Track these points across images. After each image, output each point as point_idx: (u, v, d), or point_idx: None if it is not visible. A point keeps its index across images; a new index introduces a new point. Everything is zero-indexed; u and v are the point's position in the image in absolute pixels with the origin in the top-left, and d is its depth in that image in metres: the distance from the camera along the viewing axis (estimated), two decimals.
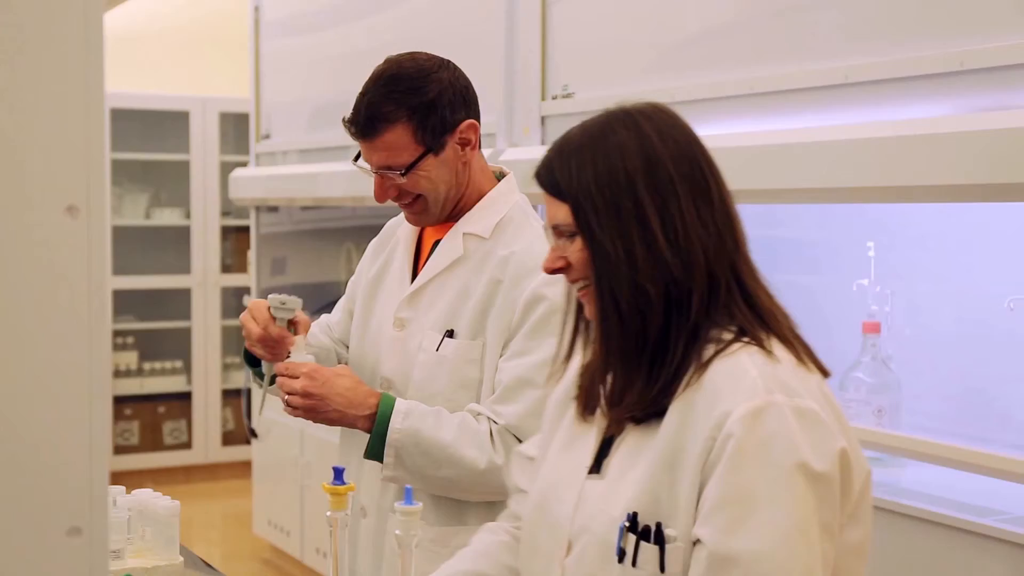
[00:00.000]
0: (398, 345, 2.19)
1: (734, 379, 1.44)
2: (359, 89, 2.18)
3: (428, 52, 2.19)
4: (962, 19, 2.27)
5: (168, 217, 6.85)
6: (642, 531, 1.45)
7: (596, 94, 3.21)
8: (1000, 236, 2.63)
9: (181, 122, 6.81)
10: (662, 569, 1.44)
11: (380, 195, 2.16)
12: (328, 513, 1.71)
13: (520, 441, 2.03)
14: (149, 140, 6.86)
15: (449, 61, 2.18)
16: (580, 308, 1.60)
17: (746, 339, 1.49)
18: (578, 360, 1.64)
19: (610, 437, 1.56)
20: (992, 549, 2.27)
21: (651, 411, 1.50)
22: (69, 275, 0.92)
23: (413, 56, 2.17)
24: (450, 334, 2.14)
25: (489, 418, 2.08)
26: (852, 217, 2.98)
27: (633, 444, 1.52)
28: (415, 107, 2.10)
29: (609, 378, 1.56)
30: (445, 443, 2.06)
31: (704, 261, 1.49)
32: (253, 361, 2.23)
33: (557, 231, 1.55)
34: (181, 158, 6.82)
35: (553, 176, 1.54)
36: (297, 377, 2.09)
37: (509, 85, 3.55)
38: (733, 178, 2.67)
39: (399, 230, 2.31)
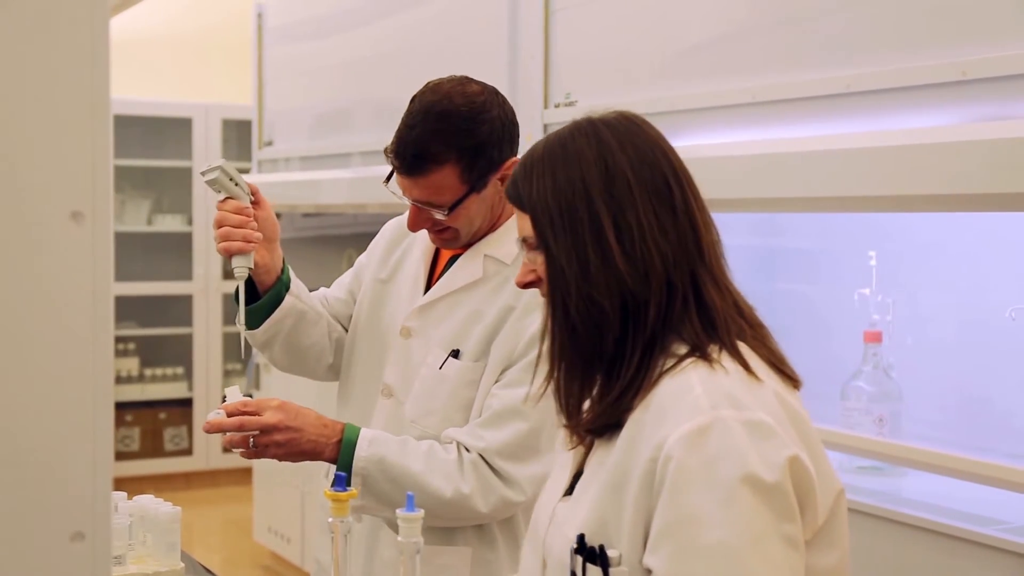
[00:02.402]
0: (403, 354, 2.17)
1: (678, 398, 1.41)
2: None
3: (475, 81, 2.11)
4: (965, 29, 2.27)
5: (170, 223, 6.86)
6: (588, 553, 1.42)
7: (599, 102, 3.21)
8: (1001, 246, 2.63)
9: (183, 129, 6.82)
10: None
11: (414, 225, 2.12)
12: (329, 519, 1.71)
13: (494, 470, 2.03)
14: (151, 147, 6.86)
15: (496, 92, 2.11)
16: None
17: (697, 355, 1.45)
18: None
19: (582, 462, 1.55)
20: (993, 559, 2.27)
21: (608, 423, 1.48)
22: (73, 281, 0.92)
23: (464, 88, 2.07)
24: (455, 354, 2.11)
25: (461, 445, 2.05)
26: (854, 226, 2.98)
27: (594, 465, 1.51)
28: (465, 149, 2.03)
29: (573, 393, 1.53)
30: (412, 471, 2.03)
31: (662, 270, 1.46)
32: (238, 298, 2.19)
33: (525, 244, 1.54)
34: (183, 165, 6.83)
35: (517, 189, 1.54)
36: (260, 414, 2.01)
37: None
38: (735, 187, 2.68)
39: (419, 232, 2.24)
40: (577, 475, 1.55)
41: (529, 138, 3.48)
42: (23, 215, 0.90)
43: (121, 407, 6.64)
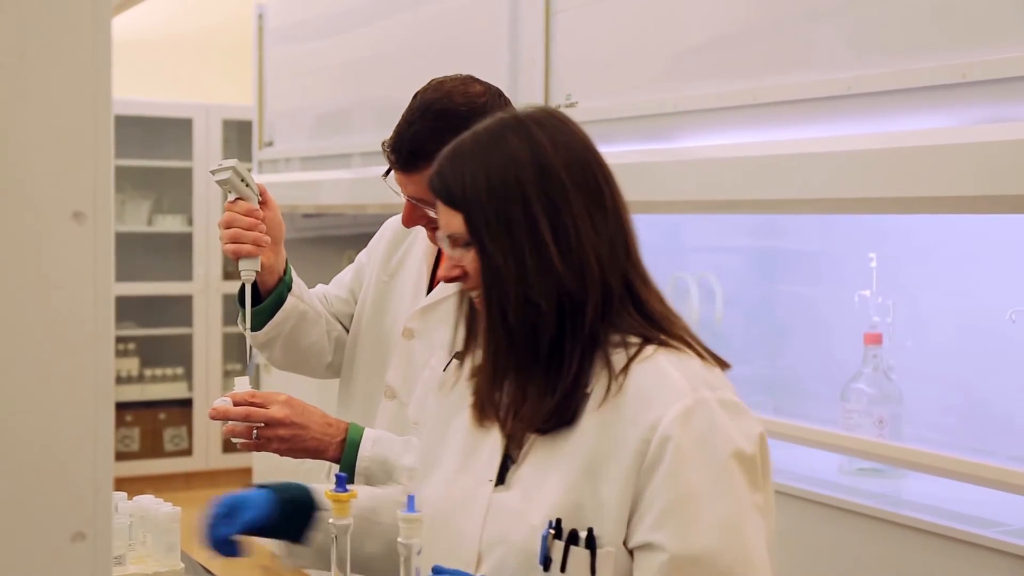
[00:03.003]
0: (405, 355, 2.17)
1: (658, 382, 1.45)
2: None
3: (480, 81, 2.11)
4: (965, 31, 2.27)
5: (170, 224, 6.86)
6: (569, 537, 1.45)
7: (600, 104, 3.22)
8: (1002, 247, 2.63)
9: (184, 129, 6.82)
10: (592, 573, 1.44)
11: (409, 221, 2.12)
12: (331, 520, 1.71)
13: None
14: (152, 147, 6.86)
15: (500, 93, 2.11)
16: (473, 308, 1.59)
17: (656, 343, 1.50)
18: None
19: (511, 451, 1.56)
20: (993, 561, 2.27)
21: (558, 423, 1.49)
22: (74, 281, 0.92)
23: (466, 88, 2.08)
24: (458, 356, 2.11)
25: None
26: (854, 228, 2.98)
27: (542, 455, 1.52)
28: None
29: (505, 390, 1.55)
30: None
31: (598, 271, 1.48)
32: (242, 301, 2.17)
33: (452, 240, 1.53)
34: (184, 165, 6.83)
35: (447, 185, 1.52)
36: (267, 406, 2.01)
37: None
38: (735, 188, 2.68)
39: (420, 230, 2.24)
40: (504, 463, 1.56)
41: None
42: (24, 215, 0.90)
43: (121, 407, 6.64)
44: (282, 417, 2.01)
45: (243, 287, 2.16)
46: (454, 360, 1.70)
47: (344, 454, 2.04)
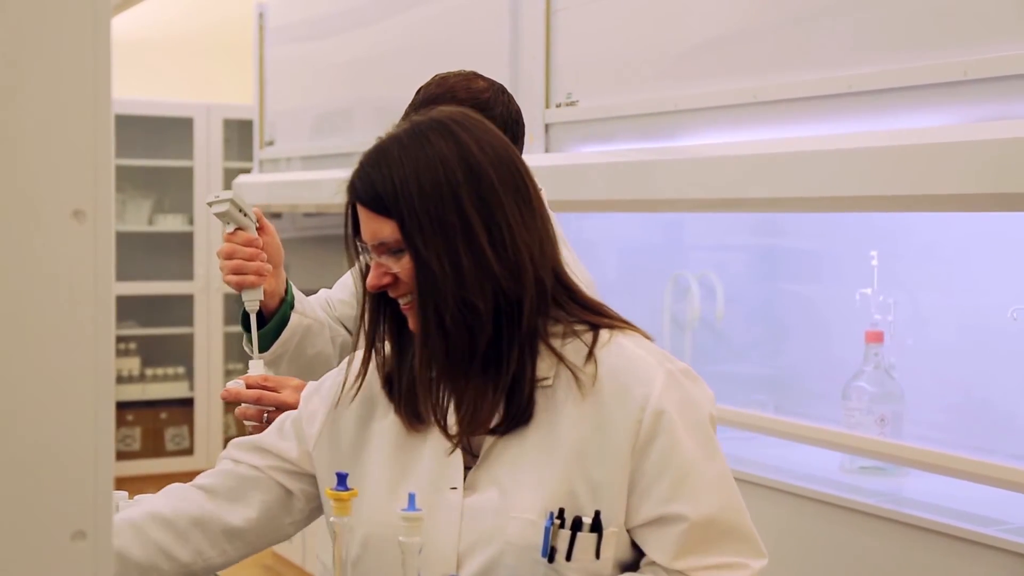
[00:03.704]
0: None
1: (629, 363, 1.50)
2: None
3: (483, 76, 2.11)
4: (966, 29, 2.27)
5: (171, 223, 6.86)
6: (573, 524, 1.47)
7: (600, 102, 3.22)
8: (1003, 246, 2.63)
9: (185, 128, 6.82)
10: (597, 556, 1.48)
11: None
12: (331, 519, 1.71)
13: None
14: (153, 146, 6.86)
15: (503, 89, 2.11)
16: (375, 329, 1.57)
17: (606, 327, 1.53)
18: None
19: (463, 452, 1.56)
20: (994, 559, 2.27)
21: (515, 423, 1.50)
22: (75, 280, 0.92)
23: (469, 83, 2.09)
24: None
25: None
26: (855, 226, 2.98)
27: (512, 452, 1.52)
28: None
29: (443, 394, 1.54)
30: None
31: (531, 266, 1.49)
32: (245, 325, 2.16)
33: (382, 248, 1.51)
34: (185, 164, 6.83)
35: (374, 191, 1.50)
36: (279, 391, 2.01)
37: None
38: (736, 187, 2.68)
39: None
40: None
41: (531, 139, 3.49)
42: (24, 213, 0.90)
43: (122, 407, 6.64)
44: (293, 402, 1.99)
45: (246, 314, 2.15)
46: (347, 371, 1.65)
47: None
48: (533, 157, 3.39)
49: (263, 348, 2.18)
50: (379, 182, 1.50)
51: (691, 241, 3.64)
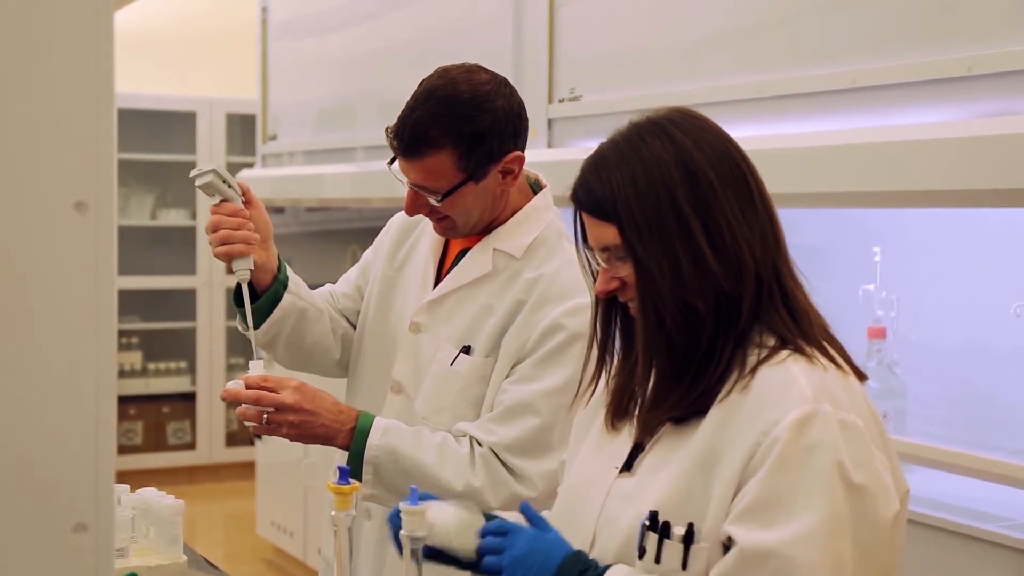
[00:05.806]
0: (412, 349, 2.15)
1: (783, 387, 1.44)
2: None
3: (486, 70, 2.10)
4: (970, 24, 2.27)
5: (174, 217, 6.86)
6: (662, 529, 1.45)
7: (603, 97, 3.21)
8: (1007, 242, 2.63)
9: (188, 123, 6.82)
10: (684, 567, 1.44)
11: (411, 209, 2.10)
12: (332, 513, 1.71)
13: (505, 465, 2.02)
14: (155, 141, 6.86)
15: (506, 83, 2.10)
16: (607, 334, 1.59)
17: (791, 347, 1.48)
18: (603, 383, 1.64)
19: (642, 440, 1.56)
20: (997, 555, 2.26)
21: (691, 411, 1.49)
22: (77, 271, 0.92)
23: (470, 76, 2.06)
24: (466, 350, 2.08)
25: (474, 439, 2.04)
26: (858, 222, 2.98)
27: (668, 444, 1.52)
28: (463, 136, 2.01)
29: (650, 383, 1.54)
30: (423, 463, 2.02)
31: (752, 265, 1.48)
32: (238, 300, 2.17)
33: (607, 253, 1.52)
34: (187, 159, 6.83)
35: (594, 197, 1.51)
36: (278, 391, 2.01)
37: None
38: None
39: (426, 225, 2.22)
40: (633, 452, 1.56)
41: (534, 134, 3.48)
42: (27, 204, 0.90)
43: (124, 401, 6.65)
44: (292, 403, 2.00)
45: (239, 288, 2.15)
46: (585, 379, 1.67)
47: (353, 442, 2.04)
48: (535, 152, 3.39)
49: (256, 325, 2.17)
50: (598, 188, 1.50)
51: None
